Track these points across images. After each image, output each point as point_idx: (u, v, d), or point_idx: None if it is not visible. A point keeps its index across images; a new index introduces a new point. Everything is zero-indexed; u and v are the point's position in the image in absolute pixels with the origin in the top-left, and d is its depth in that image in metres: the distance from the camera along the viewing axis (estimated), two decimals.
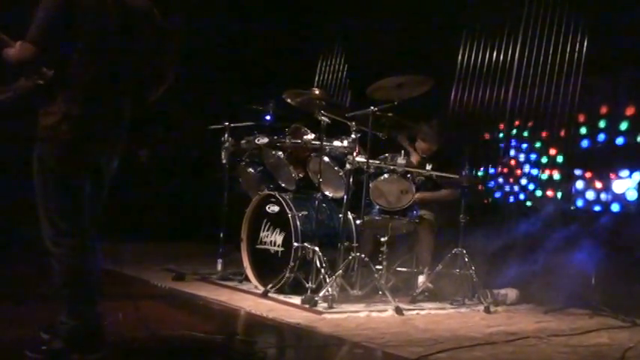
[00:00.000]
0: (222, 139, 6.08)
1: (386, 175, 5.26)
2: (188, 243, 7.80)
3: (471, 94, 6.77)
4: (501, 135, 6.58)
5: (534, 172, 6.37)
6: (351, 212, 5.44)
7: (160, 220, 8.03)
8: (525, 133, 6.45)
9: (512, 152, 6.50)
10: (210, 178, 6.70)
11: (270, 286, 5.33)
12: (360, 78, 7.21)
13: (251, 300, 5.18)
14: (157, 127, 8.09)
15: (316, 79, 8.57)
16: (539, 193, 6.31)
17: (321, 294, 4.95)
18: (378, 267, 5.24)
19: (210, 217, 6.44)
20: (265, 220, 5.63)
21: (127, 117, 3.38)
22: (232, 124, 6.10)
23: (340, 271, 5.05)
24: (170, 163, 8.24)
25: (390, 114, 5.29)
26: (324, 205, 5.53)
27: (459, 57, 6.93)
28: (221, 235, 6.08)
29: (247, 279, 5.70)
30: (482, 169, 6.56)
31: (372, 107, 5.19)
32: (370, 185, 5.24)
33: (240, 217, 5.77)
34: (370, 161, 5.22)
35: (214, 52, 8.34)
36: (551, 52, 6.25)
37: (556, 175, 6.22)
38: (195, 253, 7.21)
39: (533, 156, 6.40)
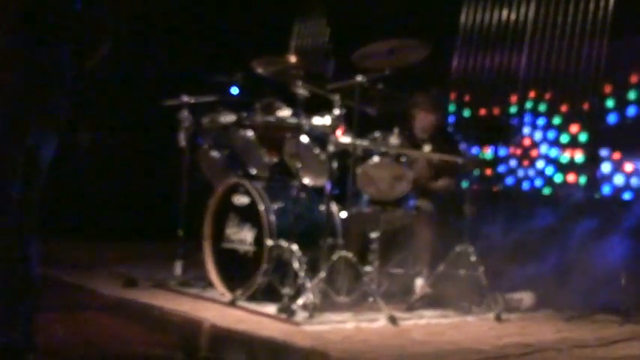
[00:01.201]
0: (180, 117, 6.07)
1: (376, 159, 5.27)
2: (140, 242, 7.78)
3: (476, 62, 6.78)
4: (513, 109, 6.60)
5: (553, 153, 6.40)
6: (336, 203, 5.46)
7: (106, 216, 7.99)
8: (542, 107, 6.48)
9: (526, 130, 6.53)
10: (166, 164, 6.68)
11: (239, 292, 5.34)
12: (346, 43, 7.16)
13: (216, 310, 5.18)
14: (99, 104, 8.04)
15: (293, 44, 8.55)
16: (558, 178, 6.34)
17: (300, 301, 4.96)
18: (367, 268, 5.26)
19: (166, 211, 6.43)
20: (232, 214, 5.64)
21: (69, 82, 3.31)
22: (192, 100, 6.09)
23: (323, 273, 5.06)
24: (117, 147, 8.20)
25: (380, 85, 5.30)
26: (303, 195, 5.53)
27: (462, 17, 6.94)
28: (180, 232, 6.09)
29: (211, 285, 5.70)
30: (490, 150, 6.58)
31: (359, 77, 5.19)
32: (358, 171, 5.25)
33: (203, 211, 5.77)
34: (357, 142, 5.22)
35: (169, 13, 8.29)
36: (571, 10, 6.26)
37: (578, 157, 6.26)
38: (149, 254, 7.21)
39: (551, 134, 6.43)
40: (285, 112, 5.64)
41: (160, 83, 7.65)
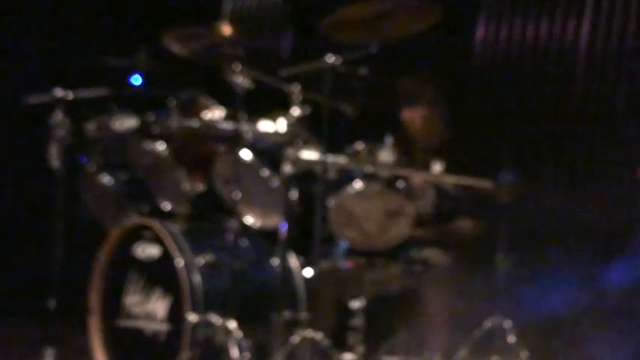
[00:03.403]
0: (52, 122, 6.03)
1: (359, 185, 5.23)
2: None
3: (511, 34, 6.78)
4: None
5: None
6: (296, 255, 5.51)
7: None
8: None
9: None
10: (30, 195, 6.61)
11: None
12: (309, 4, 7.19)
13: None
14: None
15: (227, 7, 8.50)
16: None
17: None
18: (347, 356, 5.23)
19: (30, 270, 6.34)
20: (134, 274, 5.70)
21: None
22: (69, 95, 6.04)
23: None
24: None
25: (363, 70, 5.29)
26: (244, 242, 5.59)
27: None
28: (51, 303, 5.99)
29: None
30: (535, 169, 6.56)
31: (330, 57, 5.16)
32: (330, 204, 5.22)
33: (87, 269, 5.80)
34: (329, 159, 5.19)
35: None
36: None
37: None
38: (5, 337, 7.13)
39: None
40: (215, 114, 5.67)
41: (22, 71, 7.57)
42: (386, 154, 5.29)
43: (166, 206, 5.90)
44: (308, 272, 5.37)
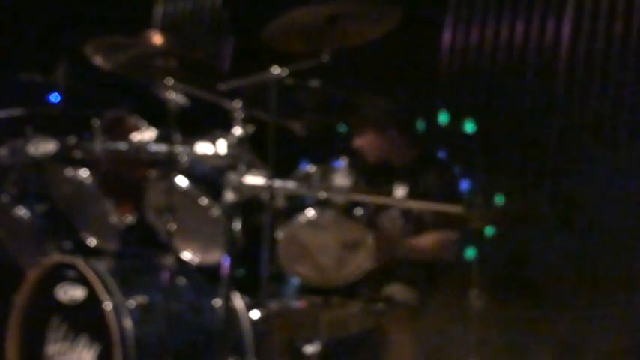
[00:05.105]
0: None
1: (311, 213, 5.27)
2: None
3: (484, 38, 6.84)
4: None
5: None
6: (241, 295, 5.52)
7: None
8: None
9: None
10: None
11: None
12: (252, 8, 7.23)
13: None
14: None
15: (157, 12, 8.52)
16: None
17: None
18: None
19: None
20: (56, 320, 5.68)
21: None
22: None
23: None
24: None
25: (314, 82, 5.32)
26: (181, 281, 5.61)
27: None
28: None
29: None
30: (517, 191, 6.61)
31: (276, 69, 5.20)
32: (279, 235, 5.26)
33: (2, 315, 5.81)
34: (277, 183, 5.21)
35: None
36: None
37: None
38: None
39: None
40: (145, 135, 5.68)
41: None
42: (341, 178, 5.32)
43: (92, 242, 5.93)
44: (255, 314, 5.41)
